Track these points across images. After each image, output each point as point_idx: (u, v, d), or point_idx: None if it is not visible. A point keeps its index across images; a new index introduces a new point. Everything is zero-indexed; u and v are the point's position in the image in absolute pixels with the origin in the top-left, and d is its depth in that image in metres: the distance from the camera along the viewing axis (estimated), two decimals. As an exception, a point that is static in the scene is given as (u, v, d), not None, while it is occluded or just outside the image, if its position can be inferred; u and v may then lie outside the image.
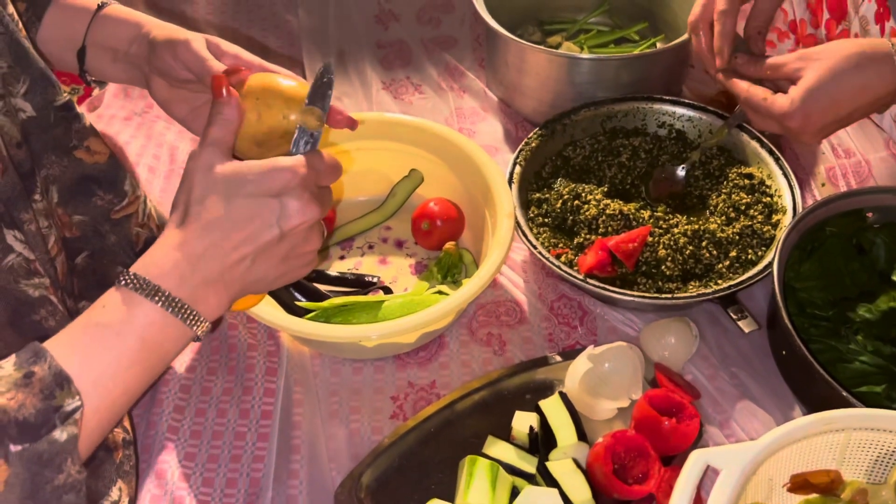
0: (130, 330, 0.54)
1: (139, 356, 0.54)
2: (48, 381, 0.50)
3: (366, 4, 1.40)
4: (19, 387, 0.49)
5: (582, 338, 0.89)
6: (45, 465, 0.48)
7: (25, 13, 0.74)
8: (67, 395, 0.50)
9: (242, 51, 0.71)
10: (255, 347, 0.88)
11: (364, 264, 0.98)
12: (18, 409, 0.48)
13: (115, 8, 0.75)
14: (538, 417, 0.78)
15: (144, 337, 0.54)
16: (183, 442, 0.81)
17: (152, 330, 0.54)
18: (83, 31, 0.74)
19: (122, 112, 1.19)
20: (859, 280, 0.86)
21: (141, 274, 0.55)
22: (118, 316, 0.54)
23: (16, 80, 0.65)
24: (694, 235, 0.91)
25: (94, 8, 0.74)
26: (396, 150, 1.00)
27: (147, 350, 0.54)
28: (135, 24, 0.73)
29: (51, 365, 0.50)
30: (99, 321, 0.54)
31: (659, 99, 1.04)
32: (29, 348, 0.51)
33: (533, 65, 1.08)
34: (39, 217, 0.66)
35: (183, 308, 0.55)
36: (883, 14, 0.95)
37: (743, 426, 0.80)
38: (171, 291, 0.55)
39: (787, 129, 0.82)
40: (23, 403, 0.48)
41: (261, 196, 0.56)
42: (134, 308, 0.54)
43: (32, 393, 0.49)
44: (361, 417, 0.83)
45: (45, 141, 0.68)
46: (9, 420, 0.47)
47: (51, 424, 0.49)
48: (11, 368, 0.50)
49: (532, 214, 0.96)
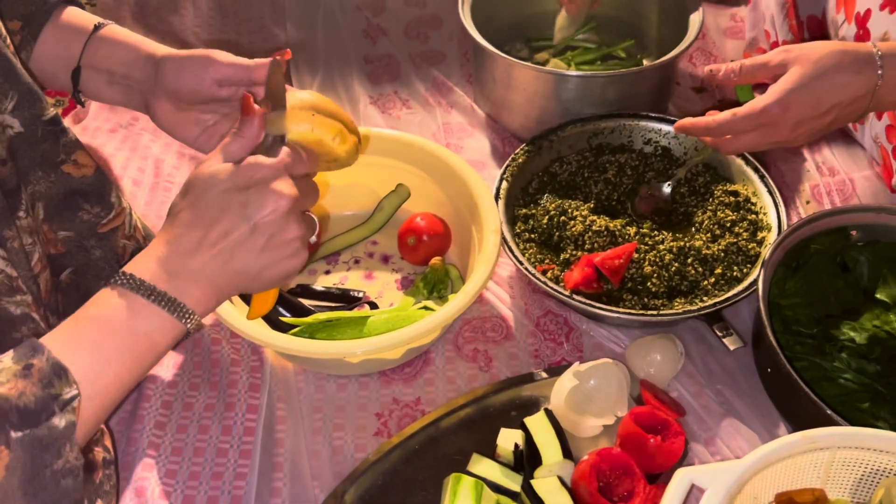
0: (120, 321, 0.56)
1: (129, 346, 0.57)
2: (46, 372, 0.52)
3: (354, 19, 1.41)
4: (18, 377, 0.51)
5: (568, 354, 0.89)
6: (45, 449, 0.51)
7: (21, 31, 0.73)
8: (65, 384, 0.52)
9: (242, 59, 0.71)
10: (239, 363, 0.87)
11: (350, 279, 0.98)
12: (19, 397, 0.50)
13: (112, 29, 0.75)
14: (523, 435, 0.78)
15: (133, 328, 0.57)
16: (164, 459, 0.80)
17: (141, 321, 0.57)
18: (79, 51, 0.74)
19: (107, 124, 1.18)
20: (844, 298, 0.87)
21: (128, 271, 0.58)
22: (108, 309, 0.57)
23: (4, 95, 0.65)
24: (679, 252, 0.91)
25: (90, 29, 0.74)
26: (383, 165, 1.00)
27: (136, 340, 0.57)
28: (132, 47, 0.73)
29: (48, 357, 0.53)
30: (90, 314, 0.57)
31: (645, 116, 1.05)
32: (26, 344, 0.53)
33: (520, 81, 1.09)
34: (24, 234, 0.66)
35: (170, 301, 0.58)
36: (863, 35, 0.96)
37: (728, 444, 0.80)
38: (158, 285, 0.57)
39: (763, 126, 0.81)
40: (23, 392, 0.50)
41: (230, 191, 0.59)
42: (123, 302, 0.57)
43: (32, 382, 0.51)
44: (345, 434, 0.82)
45: (32, 157, 0.68)
46: (10, 407, 0.50)
47: (50, 411, 0.51)
48: (10, 361, 0.52)
49: (518, 230, 0.96)
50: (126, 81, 0.74)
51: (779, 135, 0.81)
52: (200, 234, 0.59)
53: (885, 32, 0.93)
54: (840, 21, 1.01)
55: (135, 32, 0.78)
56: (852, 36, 0.98)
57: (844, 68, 0.78)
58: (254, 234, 0.59)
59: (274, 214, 0.59)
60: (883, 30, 0.93)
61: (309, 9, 1.42)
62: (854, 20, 0.97)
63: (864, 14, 0.96)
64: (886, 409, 0.79)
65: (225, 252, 0.59)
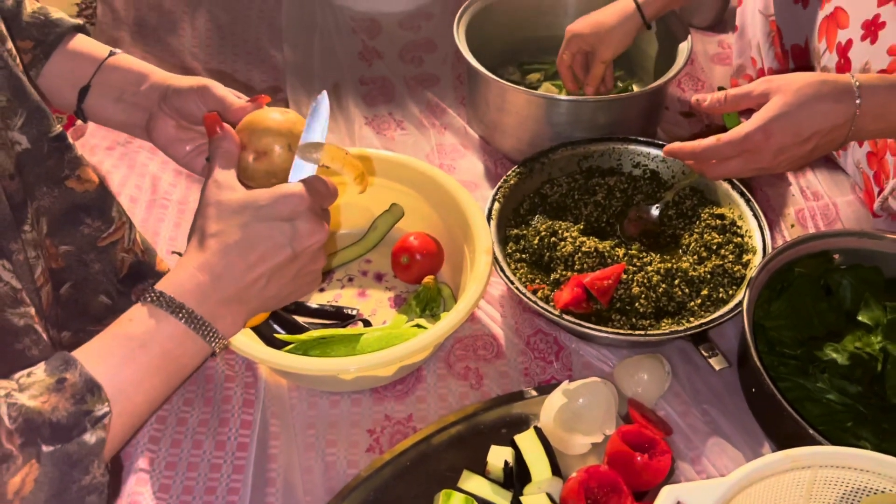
0: (154, 342, 0.58)
1: (161, 367, 0.58)
2: (80, 387, 0.53)
3: (350, 42, 1.43)
4: (52, 391, 0.52)
5: (557, 373, 0.90)
6: (74, 465, 0.51)
7: (32, 50, 0.75)
8: (98, 400, 0.53)
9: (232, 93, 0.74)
10: (233, 379, 0.88)
11: (343, 297, 0.99)
12: (52, 412, 0.51)
13: (123, 57, 0.78)
14: (513, 452, 0.79)
15: (166, 349, 0.58)
16: (158, 473, 0.80)
17: (173, 343, 0.59)
18: (90, 73, 0.76)
19: (104, 142, 1.19)
20: (826, 320, 0.88)
21: (166, 292, 0.59)
22: (143, 329, 0.58)
23: (13, 113, 0.67)
24: (667, 274, 0.93)
25: (103, 55, 0.77)
26: (378, 185, 1.01)
27: (168, 361, 0.58)
28: (143, 74, 0.77)
29: (81, 372, 0.54)
30: (126, 332, 0.58)
31: (634, 140, 1.07)
32: (58, 356, 0.54)
33: (513, 104, 1.11)
34: (28, 247, 0.67)
35: (203, 325, 0.60)
36: (844, 65, 0.99)
37: (714, 462, 0.82)
38: (194, 309, 0.59)
39: (747, 152, 0.83)
40: (56, 406, 0.51)
41: (273, 220, 0.62)
42: (158, 322, 0.58)
43: (65, 397, 0.52)
44: (338, 450, 0.83)
45: (38, 173, 0.70)
46: (43, 421, 0.50)
47: (82, 427, 0.52)
48: (43, 374, 0.53)
49: (510, 250, 0.98)
50: (133, 100, 0.76)
51: (762, 161, 0.84)
52: (242, 258, 0.61)
53: (866, 62, 0.96)
54: (822, 50, 1.04)
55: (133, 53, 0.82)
56: (833, 65, 1.01)
57: (824, 97, 0.80)
58: (293, 262, 0.63)
59: (314, 245, 0.63)
60: (864, 60, 0.96)
61: (306, 31, 1.45)
62: (836, 50, 1.00)
63: (846, 44, 0.99)
64: (868, 429, 0.80)
65: (263, 278, 0.62)
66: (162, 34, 1.43)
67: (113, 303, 0.81)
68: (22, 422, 0.50)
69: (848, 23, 0.99)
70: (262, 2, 1.53)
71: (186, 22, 1.47)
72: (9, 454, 0.49)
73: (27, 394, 0.51)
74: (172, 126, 0.75)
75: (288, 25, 1.46)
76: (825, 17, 1.03)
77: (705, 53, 1.38)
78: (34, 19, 0.75)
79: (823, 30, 1.03)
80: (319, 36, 1.44)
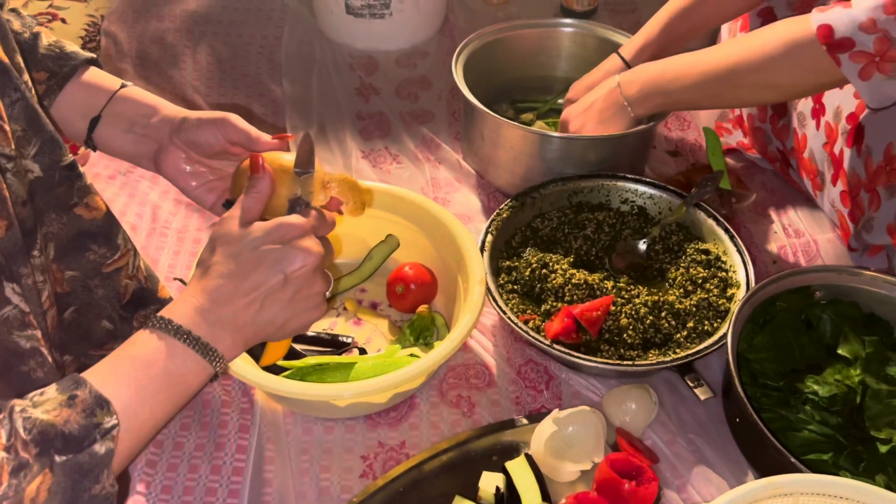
0: (157, 362, 0.61)
1: (164, 386, 0.61)
2: (90, 402, 0.56)
3: (347, 78, 1.47)
4: (64, 406, 0.55)
5: (548, 401, 0.92)
6: (86, 474, 0.54)
7: (46, 81, 0.78)
8: (106, 414, 0.56)
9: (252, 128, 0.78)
10: (230, 404, 0.90)
11: (339, 325, 1.01)
12: (64, 424, 0.54)
13: (134, 89, 0.81)
14: (504, 478, 0.81)
15: (169, 368, 0.61)
16: (154, 497, 0.81)
17: (176, 363, 0.62)
18: (101, 104, 0.79)
19: (106, 171, 1.22)
20: (808, 353, 0.91)
21: (166, 316, 0.63)
22: (147, 350, 0.61)
23: (28, 142, 0.69)
24: (654, 306, 0.96)
25: (115, 86, 0.80)
26: (374, 216, 1.04)
27: (171, 381, 0.61)
28: (153, 106, 0.79)
29: (91, 390, 0.57)
30: (130, 354, 0.61)
31: (623, 177, 1.11)
32: (69, 378, 0.57)
33: (507, 139, 1.15)
34: (36, 272, 0.69)
35: (204, 346, 0.63)
36: (819, 110, 1.03)
37: (699, 490, 0.84)
38: (193, 330, 0.63)
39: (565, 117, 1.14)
40: (67, 419, 0.54)
41: (265, 246, 0.65)
42: (161, 344, 0.62)
43: (76, 411, 0.55)
44: (332, 476, 0.85)
45: (48, 200, 0.72)
46: (56, 433, 0.53)
47: (92, 438, 0.55)
48: (55, 392, 0.56)
49: (502, 281, 1.01)
50: (144, 131, 0.79)
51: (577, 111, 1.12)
52: (235, 285, 0.65)
53: (838, 106, 1.00)
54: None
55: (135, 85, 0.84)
56: (809, 110, 1.06)
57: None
58: (285, 286, 0.66)
59: (304, 269, 0.66)
60: (836, 104, 1.01)
61: (305, 67, 1.49)
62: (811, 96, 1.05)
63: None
64: (848, 459, 0.83)
65: (256, 302, 0.65)
66: (164, 67, 1.47)
67: (115, 328, 0.83)
68: (37, 433, 0.53)
69: None
70: (263, 37, 1.57)
71: (188, 56, 1.50)
72: (25, 463, 0.51)
73: (41, 409, 0.54)
74: (182, 159, 0.78)
75: (287, 61, 1.50)
76: None
77: (691, 95, 1.43)
78: (50, 51, 0.78)
79: None
80: (318, 72, 1.47)
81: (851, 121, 0.99)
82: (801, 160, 1.11)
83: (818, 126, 1.04)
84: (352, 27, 1.51)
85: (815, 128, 1.05)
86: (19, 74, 0.69)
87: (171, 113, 0.79)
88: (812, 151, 1.07)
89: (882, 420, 0.84)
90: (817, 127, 1.04)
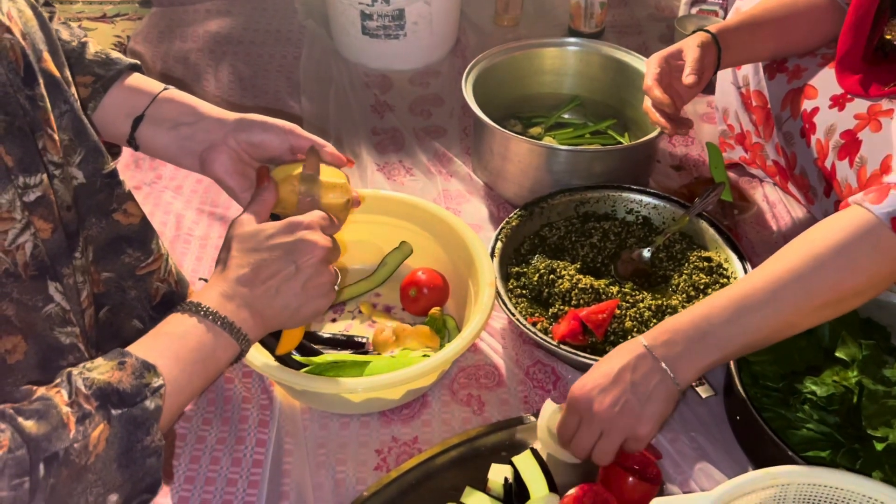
0: (191, 337, 0.67)
1: (199, 358, 0.66)
2: (138, 367, 0.61)
3: (363, 95, 1.52)
4: (115, 369, 0.60)
5: (555, 401, 0.95)
6: (139, 426, 0.59)
7: (92, 84, 0.82)
8: (154, 375, 0.62)
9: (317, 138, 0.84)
10: (250, 400, 0.94)
11: (354, 327, 1.05)
12: (118, 383, 0.59)
13: (176, 92, 0.85)
14: (513, 470, 0.84)
15: (203, 341, 0.67)
16: (178, 487, 0.85)
17: (208, 339, 0.67)
18: (145, 104, 0.83)
19: (131, 182, 1.27)
20: (807, 356, 0.94)
21: (196, 300, 0.69)
22: (181, 328, 0.67)
23: (73, 151, 0.74)
24: (658, 310, 0.99)
25: (157, 90, 0.84)
26: (388, 224, 1.08)
27: (204, 353, 0.67)
28: (196, 107, 0.83)
29: (136, 358, 0.62)
30: (166, 331, 0.67)
31: (628, 188, 1.15)
32: (114, 351, 0.63)
33: (516, 153, 1.19)
34: (77, 272, 0.74)
35: (229, 324, 0.68)
36: (808, 129, 1.07)
37: (700, 485, 0.86)
38: (219, 311, 0.69)
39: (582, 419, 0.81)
40: (120, 379, 0.60)
41: (278, 240, 0.72)
42: (193, 321, 0.68)
43: (126, 373, 0.60)
44: (347, 468, 0.88)
45: (89, 205, 0.77)
46: (112, 390, 0.59)
47: (142, 395, 0.60)
48: (103, 360, 0.61)
49: (511, 286, 1.04)
50: (190, 130, 0.82)
51: (600, 417, 0.79)
52: (254, 274, 0.71)
53: (832, 124, 1.03)
54: (784, 118, 1.11)
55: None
56: (797, 130, 1.09)
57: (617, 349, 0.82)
58: (297, 274, 0.72)
59: (313, 259, 0.72)
60: (829, 123, 1.04)
61: (322, 85, 1.54)
62: (800, 116, 1.07)
63: (812, 111, 1.06)
64: (845, 457, 0.85)
65: (272, 289, 0.71)
66: (187, 84, 1.53)
67: (145, 327, 0.86)
68: (96, 389, 0.58)
69: (816, 95, 1.07)
70: (282, 57, 1.63)
71: (210, 73, 1.56)
72: (88, 413, 0.57)
73: (96, 371, 0.60)
74: (234, 159, 0.81)
75: (305, 79, 1.56)
76: (791, 90, 1.10)
77: (695, 112, 1.47)
78: (96, 58, 0.83)
79: (788, 100, 1.11)
80: (335, 90, 1.53)
81: (847, 136, 1.02)
82: (791, 177, 1.15)
83: (808, 144, 1.08)
84: (367, 47, 1.57)
85: (806, 146, 1.08)
86: (68, 86, 0.73)
87: (222, 114, 0.83)
88: (803, 168, 1.11)
89: (878, 419, 0.86)
90: (807, 145, 1.08)
